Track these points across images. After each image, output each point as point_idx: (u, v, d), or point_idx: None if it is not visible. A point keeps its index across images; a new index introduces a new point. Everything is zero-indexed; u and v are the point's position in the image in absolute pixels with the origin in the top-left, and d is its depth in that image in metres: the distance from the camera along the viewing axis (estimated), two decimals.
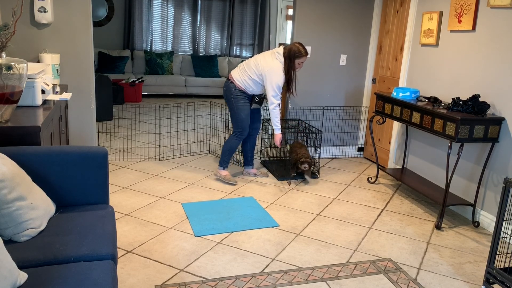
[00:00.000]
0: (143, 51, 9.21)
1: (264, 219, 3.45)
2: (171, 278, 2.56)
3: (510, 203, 2.42)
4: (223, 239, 3.08)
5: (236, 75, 4.09)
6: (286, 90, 4.13)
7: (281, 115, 5.41)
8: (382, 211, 3.77)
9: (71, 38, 3.92)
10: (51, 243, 1.86)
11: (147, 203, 3.63)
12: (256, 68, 3.98)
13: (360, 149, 5.46)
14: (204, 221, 3.35)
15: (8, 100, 2.21)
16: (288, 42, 9.81)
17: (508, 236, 2.93)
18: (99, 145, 4.88)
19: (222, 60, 9.77)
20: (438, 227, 3.45)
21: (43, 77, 2.87)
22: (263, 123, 4.93)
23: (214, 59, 9.55)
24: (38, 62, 3.68)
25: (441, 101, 3.77)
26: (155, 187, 4.01)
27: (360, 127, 5.39)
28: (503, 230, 2.49)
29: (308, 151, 4.44)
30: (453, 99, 3.51)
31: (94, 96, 4.12)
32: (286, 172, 4.48)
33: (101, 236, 1.95)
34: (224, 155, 4.21)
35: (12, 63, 2.19)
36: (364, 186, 4.38)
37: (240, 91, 4.06)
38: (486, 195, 3.54)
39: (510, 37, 3.29)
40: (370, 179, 4.52)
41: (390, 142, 4.89)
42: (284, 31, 10.50)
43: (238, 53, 10.27)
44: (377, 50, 5.14)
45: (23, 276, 1.57)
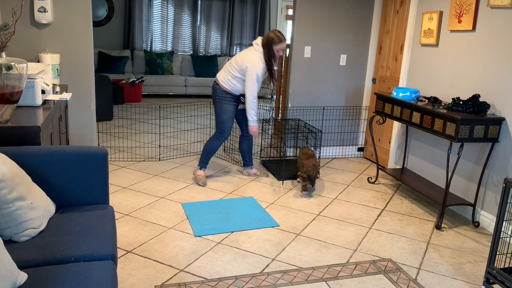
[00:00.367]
0: (143, 51, 9.21)
1: (264, 219, 3.45)
2: (171, 278, 2.56)
3: (510, 203, 2.42)
4: (223, 239, 3.08)
5: (220, 76, 4.06)
6: (270, 79, 4.05)
7: (281, 115, 5.43)
8: (382, 211, 3.77)
9: (71, 38, 3.92)
10: (51, 243, 1.86)
11: (147, 203, 3.63)
12: (237, 64, 3.94)
13: (360, 149, 5.46)
14: (204, 221, 3.35)
15: (8, 100, 2.21)
16: (288, 42, 9.80)
17: (508, 236, 2.93)
18: (99, 145, 4.88)
19: (222, 60, 9.77)
20: (438, 227, 3.45)
21: (43, 77, 2.87)
22: (263, 123, 4.92)
23: (214, 59, 9.55)
24: (38, 62, 3.68)
25: (441, 101, 3.77)
26: (155, 187, 4.01)
27: (360, 127, 5.39)
28: (503, 230, 2.49)
29: (316, 160, 4.13)
30: (453, 99, 3.51)
31: (94, 96, 4.12)
32: (286, 172, 4.47)
33: (101, 236, 1.95)
34: (202, 154, 4.16)
35: (12, 63, 2.19)
36: (364, 186, 4.38)
37: (225, 92, 4.02)
38: (486, 195, 3.54)
39: (510, 37, 3.29)
40: (370, 179, 4.52)
41: (390, 142, 4.89)
42: (284, 31, 10.50)
43: (238, 53, 10.26)
44: (377, 50, 5.13)
45: (23, 276, 1.57)
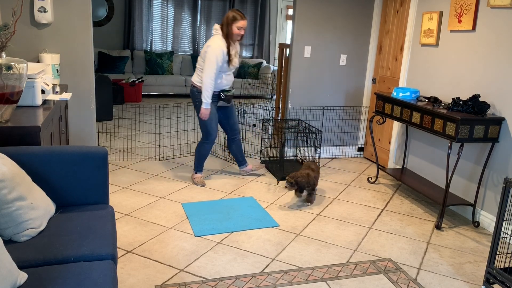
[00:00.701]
0: (143, 51, 9.21)
1: (264, 219, 3.45)
2: (171, 278, 2.56)
3: (510, 203, 2.42)
4: (223, 239, 3.08)
5: (194, 77, 3.96)
6: (228, 62, 3.88)
7: (281, 115, 5.43)
8: (382, 211, 3.77)
9: (71, 38, 3.92)
10: (51, 243, 1.86)
11: (147, 203, 3.63)
12: (201, 57, 3.88)
13: (360, 149, 5.46)
14: (204, 221, 3.35)
15: (8, 100, 2.21)
16: (288, 42, 9.79)
17: (508, 236, 2.93)
18: (99, 145, 4.88)
19: None
20: (438, 227, 3.45)
21: (43, 77, 2.87)
22: (262, 123, 4.92)
23: None
24: (38, 62, 3.68)
25: (441, 101, 3.77)
26: (155, 187, 4.01)
27: (360, 127, 5.39)
28: (503, 230, 2.49)
29: (315, 173, 3.79)
30: (453, 99, 3.51)
31: (94, 96, 4.12)
32: (286, 172, 4.47)
33: (101, 236, 1.95)
34: (195, 160, 4.15)
35: (12, 63, 2.19)
36: (364, 186, 4.38)
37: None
38: (486, 195, 3.54)
39: (510, 37, 3.28)
40: (370, 179, 4.52)
41: (390, 142, 4.89)
42: (284, 31, 10.50)
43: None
44: (377, 50, 5.14)
45: (23, 276, 1.57)
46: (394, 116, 4.03)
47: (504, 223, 2.46)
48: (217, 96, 3.98)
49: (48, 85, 2.92)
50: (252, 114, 7.61)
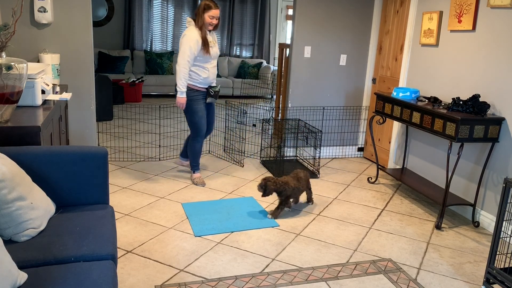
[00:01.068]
0: (143, 51, 9.21)
1: (264, 219, 3.45)
2: (171, 278, 2.56)
3: (510, 203, 2.42)
4: (223, 239, 3.08)
5: None
6: (205, 51, 3.82)
7: (281, 115, 5.43)
8: (382, 211, 3.77)
9: (71, 38, 3.92)
10: (51, 243, 1.86)
11: (147, 203, 3.63)
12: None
13: (360, 149, 5.46)
14: (204, 221, 3.35)
15: (8, 100, 2.21)
16: (288, 42, 9.79)
17: (508, 236, 2.93)
18: (99, 145, 4.88)
19: (222, 60, 9.77)
20: (438, 227, 3.45)
21: (43, 77, 2.87)
22: (262, 123, 4.92)
23: None
24: (38, 62, 3.68)
25: (441, 101, 3.77)
26: (155, 187, 4.01)
27: (360, 127, 5.39)
28: (503, 230, 2.49)
29: (289, 184, 3.46)
30: (453, 99, 3.51)
31: (94, 96, 4.12)
32: (286, 172, 4.47)
33: (101, 236, 1.95)
34: (190, 159, 4.15)
35: (12, 63, 2.19)
36: (364, 186, 4.38)
37: (192, 90, 3.91)
38: (486, 195, 3.54)
39: (510, 37, 3.29)
40: (370, 179, 4.52)
41: (390, 142, 4.89)
42: (284, 31, 10.51)
43: (238, 53, 10.27)
44: (377, 50, 5.14)
45: (23, 276, 1.57)
46: (394, 116, 4.03)
47: (504, 223, 2.46)
48: (206, 93, 3.97)
49: (48, 85, 2.92)
50: (252, 114, 7.61)
